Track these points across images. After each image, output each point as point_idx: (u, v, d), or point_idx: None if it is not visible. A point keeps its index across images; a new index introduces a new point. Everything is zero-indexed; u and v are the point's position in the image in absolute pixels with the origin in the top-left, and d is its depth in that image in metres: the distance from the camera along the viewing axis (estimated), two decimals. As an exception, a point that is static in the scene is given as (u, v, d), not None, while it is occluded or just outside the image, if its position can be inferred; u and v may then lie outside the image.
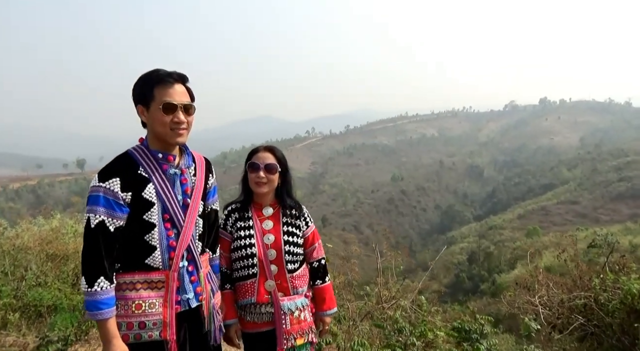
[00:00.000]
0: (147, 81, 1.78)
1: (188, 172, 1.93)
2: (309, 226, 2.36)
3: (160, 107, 1.75)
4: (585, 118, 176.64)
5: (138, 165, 1.81)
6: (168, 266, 1.82)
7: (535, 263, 33.65)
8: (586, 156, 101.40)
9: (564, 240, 38.26)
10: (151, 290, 1.79)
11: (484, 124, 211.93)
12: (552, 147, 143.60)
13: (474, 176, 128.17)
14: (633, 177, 69.43)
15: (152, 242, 1.79)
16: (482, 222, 72.99)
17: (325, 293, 2.36)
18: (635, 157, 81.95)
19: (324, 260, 2.41)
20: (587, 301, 3.63)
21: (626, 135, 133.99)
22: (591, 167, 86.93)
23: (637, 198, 61.64)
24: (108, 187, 1.72)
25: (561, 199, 70.59)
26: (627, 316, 3.48)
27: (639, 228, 43.85)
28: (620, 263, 4.07)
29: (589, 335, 3.67)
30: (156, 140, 1.84)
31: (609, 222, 53.07)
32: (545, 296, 3.95)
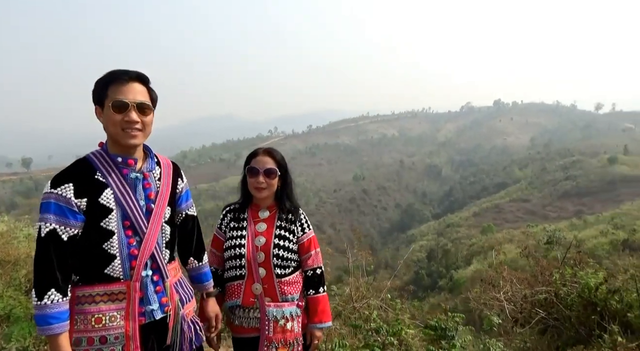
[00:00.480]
0: (103, 80, 1.68)
1: (152, 176, 1.82)
2: (306, 232, 2.27)
3: (110, 105, 1.65)
4: (535, 119, 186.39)
5: (95, 169, 1.69)
6: (129, 277, 1.71)
7: (489, 260, 34.83)
8: (536, 156, 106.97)
9: (516, 237, 40.00)
10: (112, 303, 1.69)
11: (442, 125, 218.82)
12: (505, 147, 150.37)
13: (432, 175, 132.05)
14: (578, 175, 73.91)
15: (111, 250, 1.68)
16: (440, 220, 75.26)
17: (318, 305, 2.23)
18: (580, 156, 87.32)
19: (321, 270, 2.29)
20: (548, 295, 3.81)
21: (572, 135, 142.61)
22: (540, 167, 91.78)
23: (582, 196, 65.64)
24: (60, 193, 1.61)
25: (513, 197, 73.94)
26: (584, 309, 3.67)
27: (583, 224, 46.70)
28: (577, 258, 4.29)
29: (550, 328, 3.85)
30: (114, 144, 1.73)
31: (557, 219, 56.27)
32: (509, 292, 4.10)
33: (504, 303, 3.98)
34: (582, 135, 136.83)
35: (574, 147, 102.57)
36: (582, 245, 28.66)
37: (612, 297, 3.62)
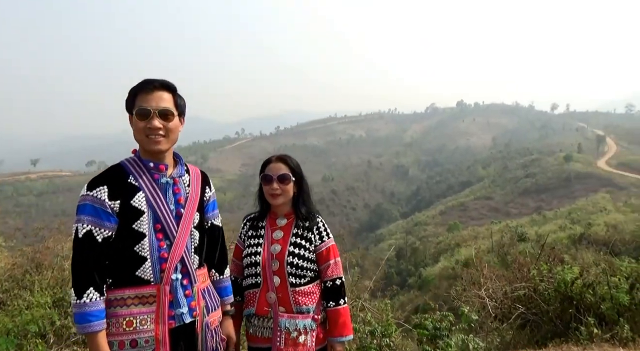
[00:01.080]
0: (132, 90, 1.75)
1: (181, 182, 1.87)
2: (324, 241, 2.19)
3: (135, 113, 1.72)
4: (496, 120, 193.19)
5: (128, 173, 1.76)
6: (159, 279, 1.74)
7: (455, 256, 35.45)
8: (498, 155, 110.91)
9: (481, 234, 40.87)
10: (142, 306, 1.71)
11: (408, 126, 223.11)
12: (468, 147, 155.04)
13: (399, 175, 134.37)
14: (537, 173, 77.19)
15: (142, 252, 1.72)
16: (408, 219, 76.59)
17: (339, 317, 2.14)
18: (538, 155, 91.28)
19: (341, 280, 2.19)
20: (527, 291, 3.88)
21: (530, 135, 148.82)
22: (502, 165, 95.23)
23: (541, 192, 68.56)
24: (95, 195, 1.68)
25: (477, 195, 76.30)
26: (562, 303, 3.78)
27: (542, 220, 48.71)
28: (551, 254, 4.40)
29: (529, 323, 3.93)
30: (143, 150, 1.80)
31: (518, 215, 58.43)
32: (490, 288, 4.16)
33: (485, 300, 4.03)
34: (540, 134, 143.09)
35: (532, 146, 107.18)
36: (542, 240, 29.90)
37: (586, 291, 3.74)
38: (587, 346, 3.29)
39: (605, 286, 3.74)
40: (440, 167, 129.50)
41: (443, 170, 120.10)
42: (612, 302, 3.63)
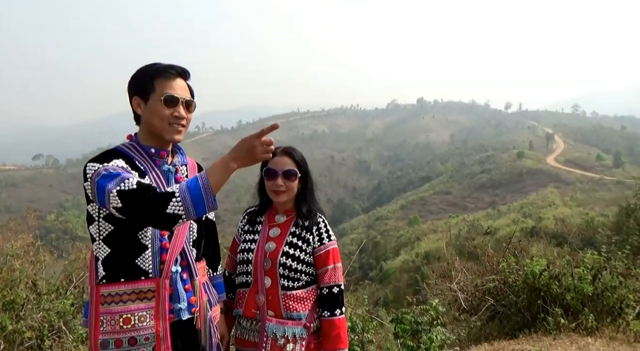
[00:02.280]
0: (147, 72, 1.66)
1: (182, 171, 1.80)
2: (324, 243, 2.00)
3: (161, 99, 1.63)
4: (454, 117, 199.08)
5: (131, 157, 1.65)
6: (158, 272, 1.63)
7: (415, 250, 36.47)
8: (456, 151, 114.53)
9: (439, 227, 42.29)
10: (140, 302, 1.59)
11: (370, 121, 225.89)
12: (428, 143, 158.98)
13: (362, 170, 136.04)
14: (492, 169, 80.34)
15: (144, 240, 1.61)
16: (369, 214, 77.78)
17: (332, 329, 1.91)
18: (493, 152, 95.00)
19: (338, 288, 1.97)
20: (498, 283, 3.96)
21: (486, 132, 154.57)
22: (460, 161, 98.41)
23: (495, 188, 71.48)
24: (115, 165, 1.55)
25: (436, 190, 78.54)
26: (529, 295, 3.89)
27: (497, 214, 50.87)
28: (518, 247, 4.52)
29: (498, 314, 4.03)
30: (150, 136, 1.70)
31: (474, 209, 60.76)
32: (462, 281, 4.21)
33: (457, 293, 4.08)
34: (495, 132, 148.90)
35: (488, 143, 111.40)
36: (497, 233, 31.29)
37: (553, 282, 3.86)
38: (556, 336, 3.41)
39: (570, 277, 3.89)
40: (401, 162, 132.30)
41: (404, 165, 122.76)
42: (577, 293, 3.78)
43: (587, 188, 58.74)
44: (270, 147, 1.46)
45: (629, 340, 3.23)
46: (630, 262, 4.49)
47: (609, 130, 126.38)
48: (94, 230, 1.63)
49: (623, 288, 3.77)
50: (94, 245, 1.64)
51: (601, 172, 69.38)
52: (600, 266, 4.00)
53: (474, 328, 4.37)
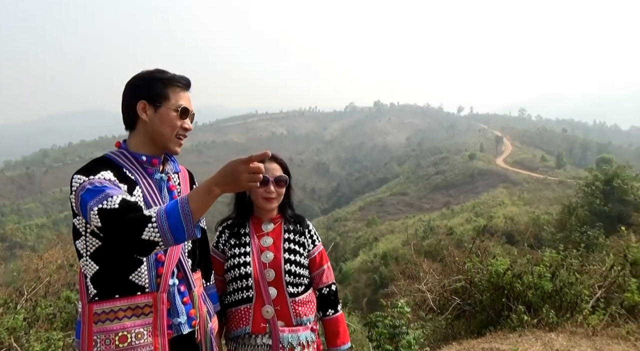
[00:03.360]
0: (160, 78, 1.59)
1: (174, 179, 1.72)
2: (316, 245, 2.04)
3: (177, 110, 1.59)
4: (409, 120, 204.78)
5: (121, 166, 1.56)
6: (155, 286, 1.54)
7: (374, 250, 37.08)
8: (411, 153, 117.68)
9: (397, 228, 43.14)
10: (137, 318, 1.50)
11: (328, 124, 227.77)
12: (385, 145, 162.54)
13: (320, 172, 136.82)
14: (446, 170, 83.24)
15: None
16: (328, 215, 78.32)
17: (338, 325, 2.00)
18: (447, 153, 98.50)
19: (335, 286, 2.06)
20: (464, 283, 4.08)
21: (440, 135, 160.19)
22: (415, 163, 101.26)
23: (449, 188, 74.09)
24: (102, 177, 1.45)
25: (394, 191, 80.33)
26: (494, 293, 4.03)
27: (451, 214, 52.79)
28: (481, 247, 4.68)
29: (465, 313, 4.14)
30: (149, 144, 1.61)
31: (430, 210, 62.63)
32: (430, 282, 4.30)
33: (426, 294, 4.16)
34: (448, 134, 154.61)
35: (442, 145, 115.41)
36: (451, 232, 32.48)
37: (515, 280, 4.02)
38: (521, 333, 3.55)
39: (531, 275, 4.08)
40: (359, 164, 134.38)
41: (362, 167, 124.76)
42: (537, 290, 3.96)
43: (532, 188, 62.12)
44: (258, 175, 1.34)
45: (588, 334, 3.42)
46: (584, 259, 4.77)
47: (552, 133, 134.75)
48: (80, 246, 1.51)
49: (579, 284, 3.99)
50: (81, 261, 1.52)
51: (545, 173, 73.68)
52: (558, 264, 4.23)
53: (439, 328, 4.50)
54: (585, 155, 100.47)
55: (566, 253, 4.55)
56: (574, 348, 3.14)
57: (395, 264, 27.92)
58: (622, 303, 3.91)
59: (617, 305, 3.91)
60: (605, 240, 10.59)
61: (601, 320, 3.62)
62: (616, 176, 17.29)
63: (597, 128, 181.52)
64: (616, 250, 5.21)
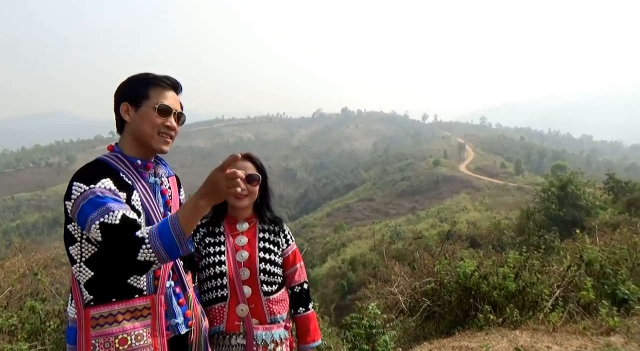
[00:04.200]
0: (142, 80, 1.63)
1: (166, 182, 1.75)
2: (290, 244, 2.09)
3: (155, 107, 1.60)
4: (376, 126, 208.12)
5: (117, 171, 1.57)
6: (153, 288, 1.58)
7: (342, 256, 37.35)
8: (378, 159, 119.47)
9: (364, 233, 43.57)
10: (135, 320, 1.52)
11: (295, 130, 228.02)
12: (352, 151, 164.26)
13: (288, 178, 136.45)
14: (411, 176, 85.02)
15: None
16: (296, 221, 78.06)
17: (309, 323, 2.06)
18: (412, 160, 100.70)
19: (307, 284, 2.11)
20: (435, 285, 4.21)
21: (405, 141, 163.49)
22: (382, 169, 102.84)
23: (415, 194, 75.67)
24: (103, 187, 1.46)
25: (361, 197, 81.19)
26: (462, 294, 4.19)
27: (417, 219, 53.88)
28: (450, 250, 4.85)
29: (434, 314, 4.28)
30: (136, 145, 1.63)
31: (396, 215, 63.69)
32: (401, 285, 4.41)
33: (398, 296, 4.27)
34: (413, 141, 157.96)
35: (407, 151, 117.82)
36: (417, 237, 33.18)
37: (482, 281, 4.19)
38: (488, 332, 3.71)
39: (496, 276, 4.26)
40: (327, 170, 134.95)
41: (329, 173, 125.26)
42: (502, 290, 4.15)
43: (493, 193, 64.42)
44: (235, 180, 1.36)
45: (549, 330, 3.62)
46: (544, 260, 5.03)
47: (511, 140, 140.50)
48: (74, 252, 1.50)
49: (540, 284, 4.22)
50: (74, 267, 1.51)
51: (505, 179, 76.66)
52: (521, 265, 4.45)
53: (409, 329, 4.62)
54: (542, 162, 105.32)
55: (528, 255, 4.79)
56: (536, 343, 3.32)
57: (363, 269, 28.22)
58: (578, 301, 4.16)
59: (574, 302, 4.15)
60: (561, 243, 11.15)
61: (560, 317, 3.84)
62: (570, 182, 18.18)
63: (552, 137, 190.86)
64: (572, 252, 5.52)
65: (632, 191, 17.98)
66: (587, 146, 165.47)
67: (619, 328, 3.54)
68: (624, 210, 15.44)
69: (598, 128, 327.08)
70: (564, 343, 3.34)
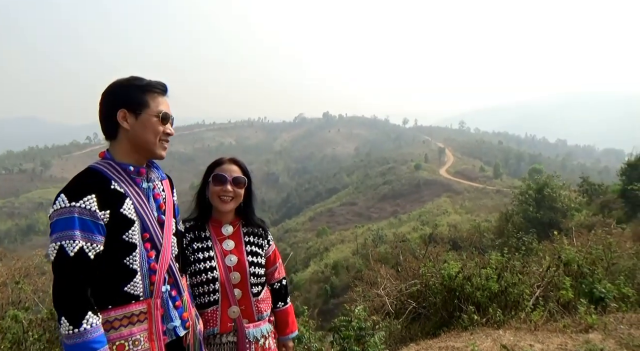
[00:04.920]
0: (138, 86, 1.63)
1: (159, 187, 1.76)
2: (271, 244, 2.17)
3: (158, 116, 1.63)
4: (358, 131, 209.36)
5: (109, 179, 1.57)
6: (149, 293, 1.60)
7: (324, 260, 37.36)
8: (360, 164, 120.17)
9: (347, 237, 43.66)
10: (133, 326, 1.55)
11: (277, 134, 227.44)
12: (334, 155, 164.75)
13: (270, 183, 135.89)
14: (393, 180, 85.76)
15: (133, 265, 1.56)
16: (279, 226, 77.73)
17: (288, 316, 2.18)
18: (394, 164, 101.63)
19: (285, 280, 2.22)
20: (420, 287, 4.29)
21: (386, 146, 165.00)
22: (364, 173, 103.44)
23: (396, 198, 76.35)
24: (84, 206, 1.47)
25: (343, 201, 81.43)
26: (447, 295, 4.28)
27: (398, 222, 54.39)
28: (433, 253, 4.94)
29: (420, 316, 4.35)
30: (132, 152, 1.64)
31: (378, 219, 64.11)
32: (387, 287, 4.47)
33: (384, 298, 4.33)
34: (395, 145, 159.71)
35: (389, 155, 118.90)
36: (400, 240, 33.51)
37: (466, 282, 4.29)
38: (473, 331, 3.80)
39: (479, 277, 4.37)
40: (309, 174, 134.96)
41: (311, 177, 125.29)
42: (485, 290, 4.26)
43: (473, 197, 65.55)
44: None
45: (531, 329, 3.73)
46: (525, 261, 5.18)
47: (489, 144, 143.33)
48: None
49: (521, 284, 4.34)
50: None
51: (484, 182, 78.09)
52: (503, 266, 4.57)
53: (395, 331, 4.68)
54: (519, 166, 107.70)
55: (509, 256, 4.92)
56: (520, 342, 3.42)
57: (346, 273, 28.28)
58: (558, 300, 4.30)
59: (554, 302, 4.30)
60: (539, 245, 11.46)
61: (541, 316, 3.96)
62: (546, 185, 18.70)
63: (528, 141, 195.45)
64: (551, 253, 5.70)
65: (605, 193, 18.62)
66: (562, 150, 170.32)
67: (597, 325, 3.68)
68: (597, 211, 15.97)
69: (571, 133, 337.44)
70: (545, 341, 3.45)
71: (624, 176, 16.02)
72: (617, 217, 13.15)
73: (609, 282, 4.45)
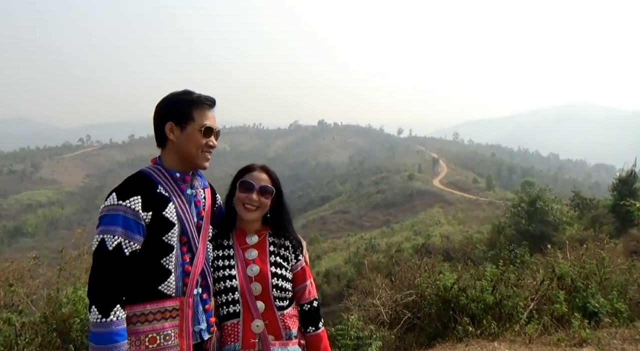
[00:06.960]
0: (186, 100, 1.74)
1: (200, 194, 1.86)
2: (299, 260, 1.99)
3: (201, 130, 1.73)
4: (352, 139, 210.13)
5: (156, 183, 1.71)
6: (182, 293, 1.69)
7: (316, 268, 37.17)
8: (353, 172, 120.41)
9: (339, 245, 43.56)
10: (165, 321, 1.64)
11: (272, 141, 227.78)
12: (328, 163, 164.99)
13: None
14: (386, 189, 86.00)
15: (169, 265, 1.67)
16: (271, 233, 77.32)
17: (320, 342, 1.97)
18: (387, 173, 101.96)
19: (317, 302, 2.02)
20: (416, 297, 4.30)
21: (380, 155, 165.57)
22: (357, 182, 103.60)
23: (389, 207, 76.51)
24: (129, 206, 1.60)
25: (336, 209, 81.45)
26: (442, 306, 4.30)
27: (391, 232, 54.43)
28: (429, 263, 4.96)
29: (415, 326, 4.36)
30: (178, 161, 1.77)
31: (371, 227, 64.11)
32: (383, 297, 4.48)
33: (380, 308, 4.33)
34: (388, 155, 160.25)
35: (382, 165, 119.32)
36: (392, 249, 33.51)
37: (461, 294, 4.31)
38: (468, 343, 3.81)
39: (474, 289, 4.40)
40: (302, 181, 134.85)
41: (305, 185, 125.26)
42: (480, 302, 4.28)
43: (465, 207, 65.81)
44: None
45: (526, 342, 3.76)
46: (519, 274, 5.22)
47: (482, 156, 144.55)
48: None
49: (515, 297, 4.37)
50: None
51: (477, 193, 78.54)
52: (498, 278, 4.60)
53: (390, 341, 4.68)
54: (511, 178, 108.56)
55: (504, 268, 4.95)
56: (514, 355, 3.44)
57: (338, 282, 28.15)
58: (552, 314, 4.33)
59: (548, 315, 4.32)
60: (530, 258, 11.52)
61: (536, 329, 3.99)
62: (538, 198, 18.86)
63: (521, 154, 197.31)
64: (544, 266, 5.74)
65: (596, 208, 18.80)
66: (554, 164, 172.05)
67: (591, 339, 3.71)
68: (589, 226, 16.10)
69: (563, 147, 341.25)
70: (539, 354, 3.47)
71: (615, 191, 16.19)
72: (608, 232, 13.27)
73: (602, 297, 4.49)
